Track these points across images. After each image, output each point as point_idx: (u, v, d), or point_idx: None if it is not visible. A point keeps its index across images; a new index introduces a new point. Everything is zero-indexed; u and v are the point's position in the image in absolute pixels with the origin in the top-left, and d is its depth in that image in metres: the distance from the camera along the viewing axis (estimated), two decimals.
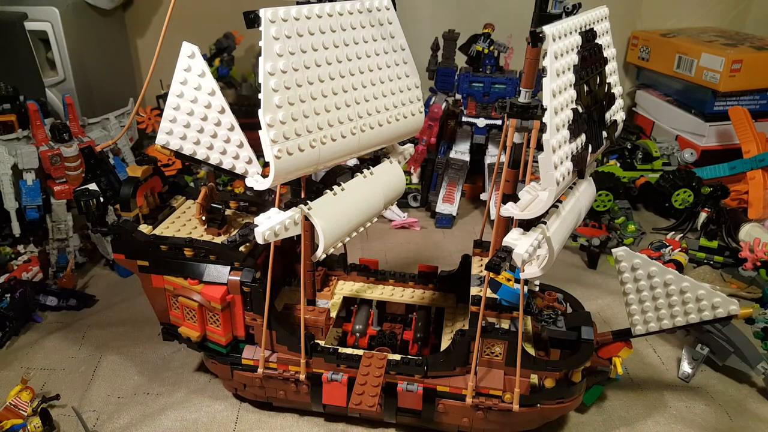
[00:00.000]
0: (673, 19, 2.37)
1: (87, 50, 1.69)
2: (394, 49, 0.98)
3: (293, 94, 0.80)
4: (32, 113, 1.31)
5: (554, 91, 0.77)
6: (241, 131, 0.92)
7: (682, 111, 2.19)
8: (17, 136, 1.33)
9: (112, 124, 1.61)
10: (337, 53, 0.87)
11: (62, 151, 1.31)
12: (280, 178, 0.83)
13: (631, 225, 1.80)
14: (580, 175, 0.90)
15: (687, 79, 2.11)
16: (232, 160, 0.94)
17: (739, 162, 1.90)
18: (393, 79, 0.97)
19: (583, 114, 0.85)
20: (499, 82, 1.84)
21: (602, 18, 0.93)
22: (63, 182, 1.36)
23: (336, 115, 0.87)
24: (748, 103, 2.04)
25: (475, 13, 2.22)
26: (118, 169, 1.34)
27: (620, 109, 1.00)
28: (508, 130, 0.89)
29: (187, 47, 0.91)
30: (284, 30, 0.79)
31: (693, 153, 1.98)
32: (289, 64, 0.79)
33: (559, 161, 0.80)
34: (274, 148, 0.79)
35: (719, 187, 1.88)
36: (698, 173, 1.96)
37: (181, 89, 0.91)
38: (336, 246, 0.94)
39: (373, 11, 0.93)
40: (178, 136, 0.94)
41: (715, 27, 2.35)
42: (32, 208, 1.31)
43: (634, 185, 1.98)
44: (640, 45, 2.23)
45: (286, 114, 0.79)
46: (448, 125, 1.98)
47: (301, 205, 0.88)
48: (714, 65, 1.98)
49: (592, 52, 0.87)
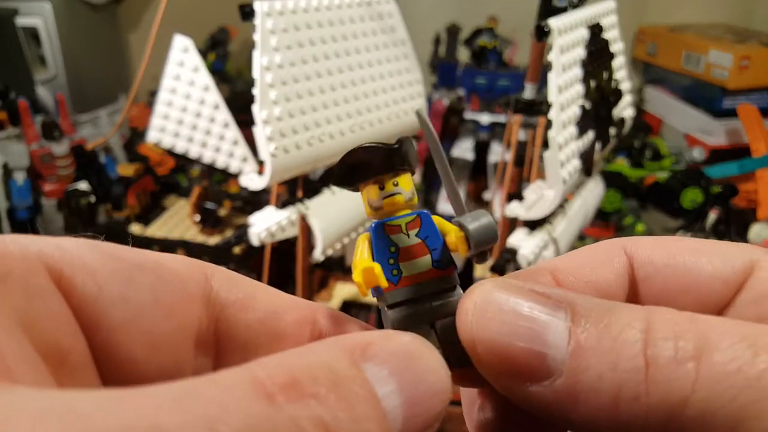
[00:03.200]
0: (680, 14, 2.34)
1: (79, 46, 1.67)
2: (395, 43, 0.95)
3: (290, 89, 0.78)
4: (23, 111, 1.29)
5: (560, 87, 0.74)
6: (236, 128, 0.90)
7: (691, 108, 2.16)
8: (8, 134, 1.30)
9: (104, 122, 1.59)
10: (335, 47, 0.84)
11: (53, 149, 1.28)
12: (277, 176, 0.81)
13: (639, 225, 1.77)
14: (587, 174, 0.88)
15: (695, 76, 2.08)
16: (227, 159, 0.92)
17: (748, 161, 1.87)
18: (394, 75, 0.95)
19: (591, 110, 0.82)
20: (504, 77, 1.81)
21: (609, 12, 0.91)
22: (53, 181, 1.34)
23: (335, 112, 0.84)
24: (758, 100, 2.01)
25: (479, 6, 2.19)
26: (108, 168, 1.32)
27: (628, 106, 0.97)
28: (512, 127, 0.86)
29: (181, 41, 0.88)
30: (281, 23, 0.76)
31: (702, 151, 1.95)
32: (285, 58, 0.77)
33: (565, 159, 0.77)
34: (270, 145, 0.76)
35: (728, 187, 1.85)
36: (707, 172, 1.92)
37: (173, 85, 0.89)
38: (334, 247, 0.91)
39: (372, 4, 0.90)
40: (170, 134, 0.91)
41: (723, 22, 2.32)
42: (23, 208, 1.29)
43: (643, 184, 1.95)
44: (647, 40, 2.19)
45: (282, 110, 0.77)
46: (451, 122, 1.95)
47: (298, 205, 0.86)
48: (722, 61, 1.95)
49: (599, 46, 0.85)
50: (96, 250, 0.22)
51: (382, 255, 0.25)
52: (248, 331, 0.24)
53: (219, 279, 0.24)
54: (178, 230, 1.06)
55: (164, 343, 0.22)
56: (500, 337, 0.21)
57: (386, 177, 0.25)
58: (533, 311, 0.21)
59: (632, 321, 0.20)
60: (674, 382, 0.18)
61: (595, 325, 0.20)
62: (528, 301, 0.21)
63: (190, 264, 0.24)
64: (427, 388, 0.19)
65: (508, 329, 0.21)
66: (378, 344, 0.19)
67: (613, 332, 0.20)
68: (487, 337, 0.21)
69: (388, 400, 0.18)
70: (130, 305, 0.21)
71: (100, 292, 0.21)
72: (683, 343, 0.19)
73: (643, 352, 0.19)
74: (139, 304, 0.21)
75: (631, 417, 0.19)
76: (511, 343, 0.21)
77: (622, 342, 0.20)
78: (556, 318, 0.21)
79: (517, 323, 0.21)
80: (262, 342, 0.25)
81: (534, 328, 0.21)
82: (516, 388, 0.21)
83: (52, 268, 0.20)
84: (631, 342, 0.19)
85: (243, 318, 0.24)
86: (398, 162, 0.25)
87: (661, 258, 0.26)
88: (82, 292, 0.20)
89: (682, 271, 0.25)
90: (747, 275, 0.24)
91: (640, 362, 0.19)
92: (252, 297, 0.25)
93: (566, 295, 0.21)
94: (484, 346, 0.21)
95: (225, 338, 0.24)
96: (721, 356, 0.18)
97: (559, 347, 0.20)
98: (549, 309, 0.21)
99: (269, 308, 0.25)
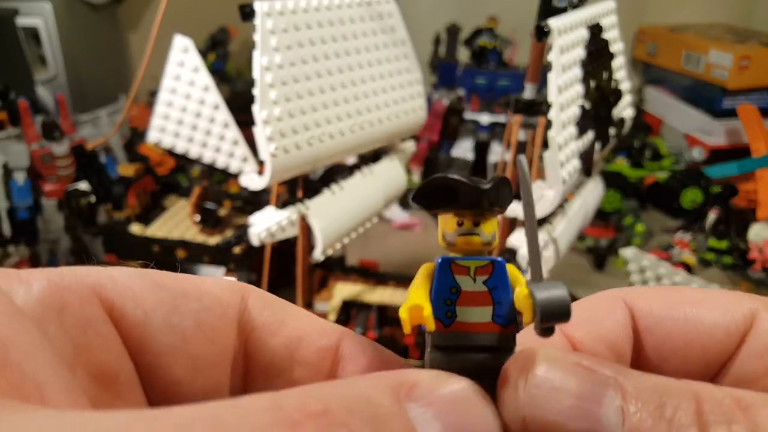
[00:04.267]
0: (680, 14, 2.34)
1: (79, 46, 1.67)
2: (395, 43, 0.95)
3: (290, 89, 0.78)
4: (23, 111, 1.29)
5: (560, 87, 0.74)
6: (236, 128, 0.90)
7: (691, 108, 2.16)
8: (8, 134, 1.30)
9: (104, 122, 1.58)
10: (336, 47, 0.84)
11: (53, 149, 1.28)
12: (277, 176, 0.81)
13: (639, 225, 1.77)
14: (587, 174, 0.88)
15: (695, 76, 2.08)
16: (227, 159, 0.91)
17: (748, 161, 1.87)
18: (394, 75, 0.95)
19: (590, 110, 0.82)
20: (504, 77, 1.81)
21: (608, 12, 0.91)
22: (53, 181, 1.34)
23: (335, 112, 0.84)
24: (758, 100, 2.01)
25: (479, 6, 2.19)
26: (109, 168, 1.32)
27: (628, 106, 0.97)
28: (512, 127, 0.86)
29: (181, 41, 0.88)
30: (281, 23, 0.76)
31: (702, 151, 1.95)
32: (285, 58, 0.77)
33: (565, 159, 0.77)
34: (271, 145, 0.76)
35: (728, 187, 1.85)
36: (707, 172, 1.92)
37: (173, 85, 0.89)
38: (334, 247, 0.91)
39: (372, 4, 0.90)
40: (170, 134, 0.91)
41: (723, 23, 2.32)
42: (23, 208, 1.29)
43: (643, 184, 1.95)
44: (647, 40, 2.19)
45: (282, 110, 0.77)
46: (451, 122, 1.95)
47: (298, 205, 0.86)
48: (722, 62, 1.95)
49: (599, 46, 0.85)
50: (145, 280, 0.23)
51: (441, 294, 0.24)
52: (273, 355, 0.25)
53: (254, 300, 0.25)
54: (178, 230, 1.06)
55: (206, 365, 0.24)
56: (554, 416, 0.20)
57: (468, 214, 0.23)
58: (584, 390, 0.21)
59: (682, 402, 0.20)
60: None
61: (646, 407, 0.20)
62: (577, 379, 0.21)
63: (229, 288, 0.25)
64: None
65: (560, 408, 0.20)
66: (427, 385, 0.19)
67: (666, 415, 0.20)
68: (541, 416, 0.20)
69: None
70: (174, 331, 0.23)
71: (146, 320, 0.23)
72: (736, 427, 0.19)
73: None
74: (183, 330, 0.23)
75: None
76: (565, 423, 0.20)
77: (677, 426, 0.19)
78: (606, 398, 0.20)
79: (569, 403, 0.20)
80: (284, 368, 0.25)
81: (587, 407, 0.20)
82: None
83: (104, 298, 0.22)
84: (685, 426, 0.19)
85: (269, 342, 0.25)
86: (486, 202, 0.22)
87: (661, 309, 0.26)
88: (130, 319, 0.23)
89: (683, 321, 0.25)
90: (748, 326, 0.24)
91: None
92: (281, 322, 0.25)
93: (612, 371, 0.21)
94: (537, 423, 0.21)
95: (252, 361, 0.25)
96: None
97: (613, 428, 0.20)
98: (599, 387, 0.21)
99: (294, 334, 0.25)
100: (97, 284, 0.22)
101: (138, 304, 0.23)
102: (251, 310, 0.25)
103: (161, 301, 0.23)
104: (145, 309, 0.23)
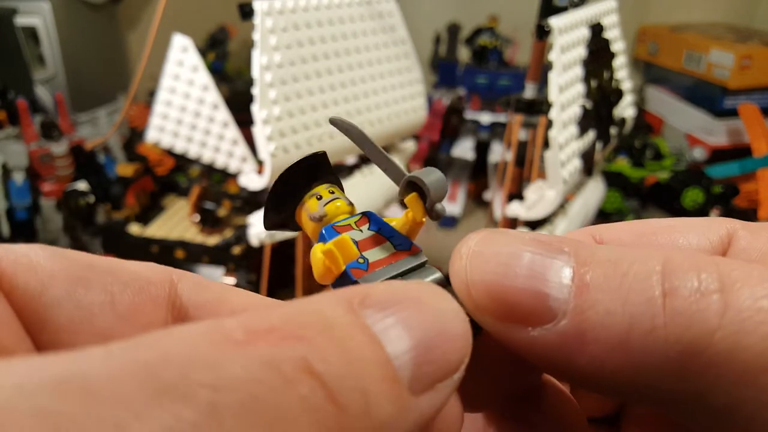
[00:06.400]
0: (681, 14, 2.34)
1: (78, 45, 1.66)
2: (395, 42, 0.94)
3: (290, 89, 0.77)
4: (22, 110, 1.28)
5: (561, 86, 0.74)
6: (236, 128, 0.89)
7: (692, 108, 2.15)
8: (6, 134, 1.30)
9: (103, 121, 1.58)
10: (335, 47, 0.83)
11: (52, 149, 1.28)
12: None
13: None
14: (588, 174, 0.87)
15: (696, 75, 2.07)
16: (226, 158, 0.91)
17: (749, 160, 1.87)
18: (394, 74, 0.94)
19: (591, 110, 0.82)
20: (504, 76, 1.80)
21: (609, 11, 0.90)
22: (52, 181, 1.34)
23: (334, 111, 0.84)
24: (759, 99, 2.00)
25: (479, 5, 2.19)
26: (108, 168, 1.31)
27: (629, 106, 0.96)
28: (513, 127, 0.86)
29: (180, 40, 0.88)
30: (280, 22, 0.75)
31: (703, 151, 1.95)
32: (285, 58, 0.76)
33: (566, 159, 0.77)
34: (270, 145, 0.76)
35: (729, 187, 1.85)
36: (708, 172, 1.92)
37: (172, 84, 0.88)
38: None
39: (372, 3, 0.89)
40: (169, 133, 0.91)
41: (724, 22, 2.32)
42: (22, 208, 1.28)
43: (644, 184, 1.94)
44: (648, 40, 2.19)
45: (282, 110, 0.76)
46: (451, 122, 1.94)
47: None
48: (724, 61, 1.94)
49: (600, 46, 0.84)
50: (46, 251, 0.21)
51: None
52: None
53: (187, 283, 0.23)
54: (178, 230, 1.06)
55: None
56: (497, 278, 0.19)
57: (320, 188, 0.25)
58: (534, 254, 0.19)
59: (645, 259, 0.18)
60: (698, 313, 0.17)
61: (600, 265, 0.18)
62: (528, 245, 0.19)
63: (155, 268, 0.23)
64: (440, 330, 0.17)
65: (505, 270, 0.19)
66: (380, 291, 0.17)
67: (621, 268, 0.18)
68: (481, 279, 0.19)
69: (393, 344, 0.16)
70: (79, 305, 0.20)
71: (43, 291, 0.20)
72: (706, 275, 0.17)
73: (660, 283, 0.17)
74: (90, 304, 0.20)
75: (644, 354, 0.17)
76: (509, 284, 0.19)
77: (633, 275, 0.18)
78: (558, 260, 0.19)
79: (515, 264, 0.19)
80: None
81: (534, 268, 0.19)
82: (517, 334, 0.19)
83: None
84: (644, 275, 0.18)
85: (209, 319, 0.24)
86: (323, 172, 0.25)
87: (631, 239, 0.25)
88: (24, 291, 0.20)
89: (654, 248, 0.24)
90: (725, 247, 0.23)
91: (655, 293, 0.17)
92: (222, 299, 0.24)
93: (569, 240, 0.20)
94: (478, 288, 0.19)
95: None
96: (751, 292, 0.17)
97: (562, 287, 0.18)
98: (551, 252, 0.19)
99: (240, 308, 0.24)
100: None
101: (35, 274, 0.20)
102: (185, 291, 0.23)
103: (64, 270, 0.20)
104: (42, 279, 0.20)
